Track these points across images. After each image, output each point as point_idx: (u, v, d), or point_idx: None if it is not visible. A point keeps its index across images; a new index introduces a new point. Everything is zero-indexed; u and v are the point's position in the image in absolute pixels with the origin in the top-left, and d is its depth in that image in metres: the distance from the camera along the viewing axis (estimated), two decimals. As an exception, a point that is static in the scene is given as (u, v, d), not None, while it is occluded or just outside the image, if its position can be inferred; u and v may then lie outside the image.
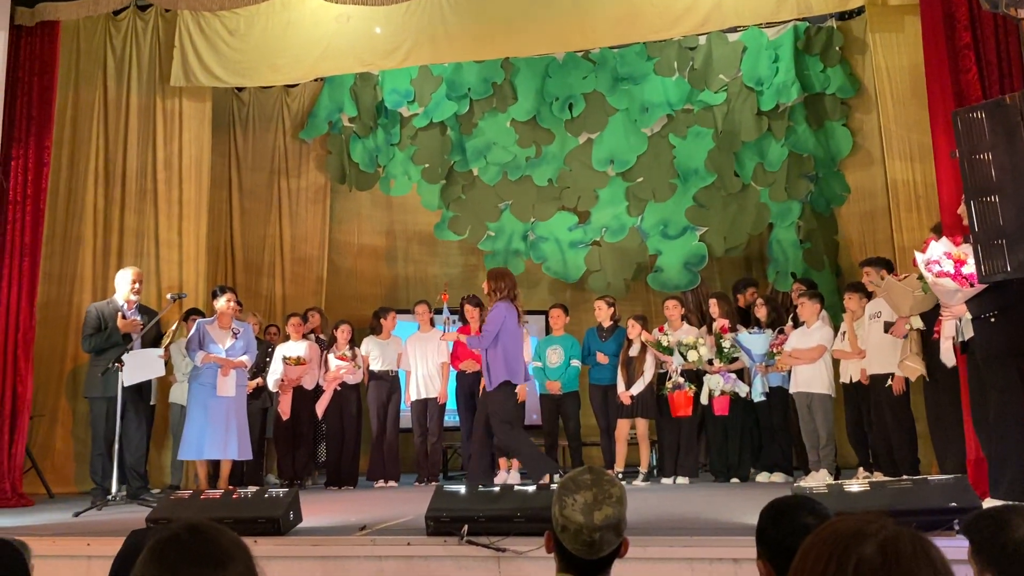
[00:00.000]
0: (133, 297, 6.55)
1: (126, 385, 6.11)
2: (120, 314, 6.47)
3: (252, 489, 4.60)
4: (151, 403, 7.00)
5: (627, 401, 7.09)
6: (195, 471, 6.75)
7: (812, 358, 6.61)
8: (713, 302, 7.46)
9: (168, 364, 7.07)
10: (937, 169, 5.60)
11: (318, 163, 9.76)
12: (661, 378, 7.17)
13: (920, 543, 1.11)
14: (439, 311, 7.11)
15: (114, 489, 5.89)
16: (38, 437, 7.18)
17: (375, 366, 7.66)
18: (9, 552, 2.30)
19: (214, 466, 6.61)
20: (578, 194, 9.49)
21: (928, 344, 5.31)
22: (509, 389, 5.97)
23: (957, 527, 3.48)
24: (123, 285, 6.54)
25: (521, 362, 6.13)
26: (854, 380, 6.47)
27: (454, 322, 7.11)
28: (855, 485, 3.99)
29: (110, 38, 8.04)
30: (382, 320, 7.80)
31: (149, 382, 6.67)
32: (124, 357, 6.02)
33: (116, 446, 6.00)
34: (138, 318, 6.45)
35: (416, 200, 9.95)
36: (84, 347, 6.52)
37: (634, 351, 7.21)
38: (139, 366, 6.20)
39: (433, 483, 6.92)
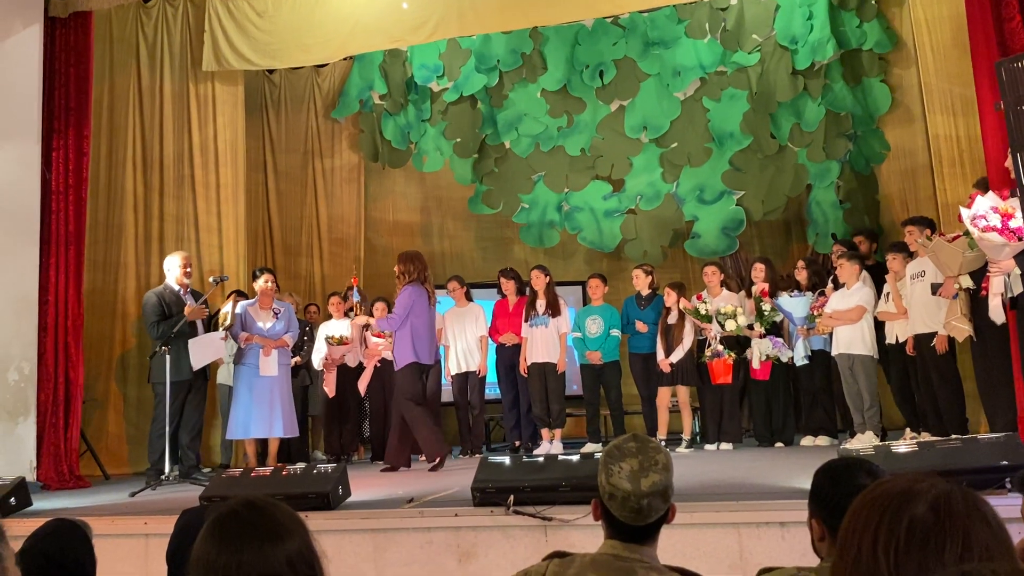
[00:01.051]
0: (186, 280, 6.66)
1: (195, 369, 6.28)
2: (186, 302, 6.58)
3: (301, 466, 4.69)
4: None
5: (667, 369, 7.07)
6: (244, 450, 6.89)
7: (852, 319, 6.51)
8: (757, 266, 7.37)
9: None
10: (981, 122, 5.46)
11: (351, 142, 9.80)
12: (701, 345, 7.13)
13: (972, 499, 1.10)
14: (350, 291, 7.11)
15: (167, 469, 6.04)
16: (92, 421, 7.37)
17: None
18: (75, 531, 2.38)
19: (262, 444, 6.74)
20: (612, 162, 9.42)
21: (976, 302, 5.21)
22: (416, 369, 6.22)
23: (1008, 485, 3.43)
24: (174, 270, 6.64)
25: (429, 342, 6.38)
26: (900, 340, 6.37)
27: (364, 306, 7.09)
28: (902, 446, 3.95)
29: (141, 26, 8.12)
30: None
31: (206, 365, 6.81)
32: (189, 342, 6.21)
33: (167, 428, 6.15)
34: (192, 302, 6.57)
35: (449, 175, 9.96)
36: (152, 334, 6.47)
37: (672, 319, 7.17)
38: (203, 350, 6.36)
39: (477, 455, 6.98)
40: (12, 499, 4.75)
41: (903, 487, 1.13)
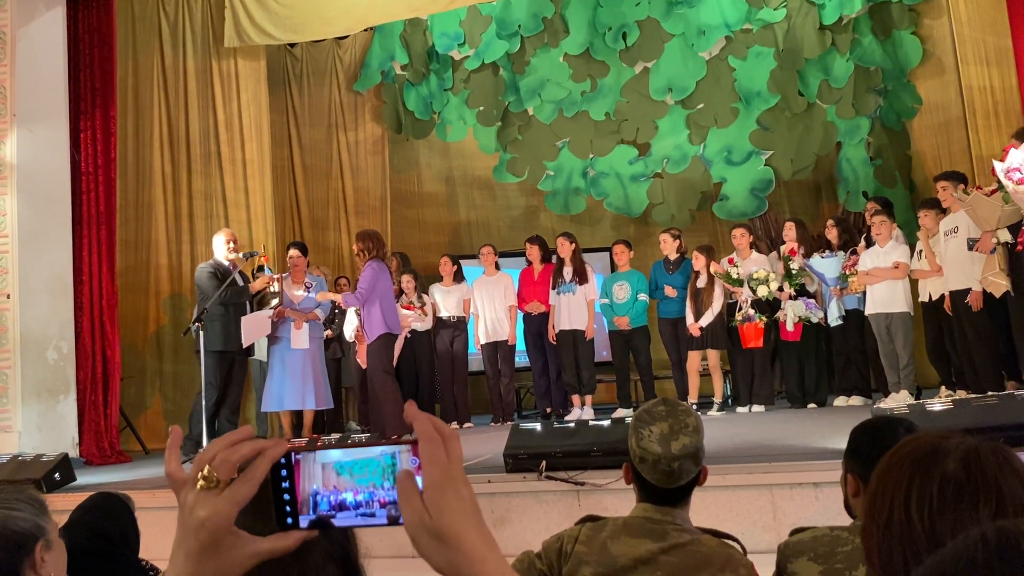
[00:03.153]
0: (232, 255, 6.72)
1: (245, 345, 6.38)
2: (235, 277, 6.65)
3: (335, 436, 4.75)
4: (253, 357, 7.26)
5: (696, 333, 7.04)
6: (279, 422, 7.00)
7: (893, 277, 6.40)
8: (789, 225, 7.28)
9: None
10: (1019, 71, 5.32)
11: (374, 114, 9.78)
12: (731, 308, 7.09)
13: (1003, 453, 1.09)
14: (260, 268, 7.10)
15: (205, 442, 6.15)
16: (129, 397, 7.52)
17: (439, 313, 7.78)
18: (118, 504, 2.45)
19: (297, 416, 6.83)
20: (637, 126, 9.32)
21: (1012, 256, 5.12)
22: (388, 340, 6.30)
23: (1047, 441, 3.39)
24: (220, 247, 6.72)
25: (397, 314, 6.52)
26: (933, 298, 6.28)
27: (278, 279, 7.05)
28: (937, 404, 3.91)
29: (162, 4, 8.13)
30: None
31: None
32: (242, 319, 6.32)
33: (203, 403, 6.25)
34: (239, 279, 6.64)
35: (473, 145, 9.92)
36: (219, 299, 6.33)
37: (701, 282, 7.12)
38: (254, 327, 6.45)
39: (509, 423, 7.03)
40: (56, 475, 4.88)
41: (930, 445, 1.12)
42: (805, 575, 1.84)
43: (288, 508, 0.81)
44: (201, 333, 6.14)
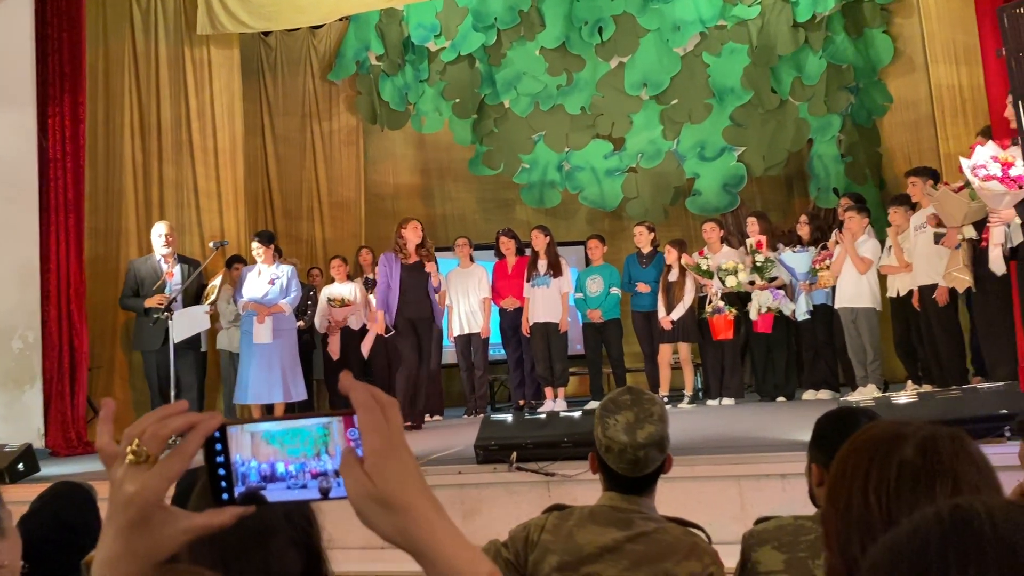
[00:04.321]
0: (165, 250, 6.66)
1: (176, 341, 6.29)
2: (162, 272, 6.58)
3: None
4: (202, 350, 7.18)
5: (668, 326, 7.08)
6: (250, 414, 6.95)
7: (857, 268, 6.48)
8: (751, 220, 7.36)
9: (215, 314, 7.23)
10: (985, 70, 5.39)
11: (348, 104, 9.72)
12: (702, 302, 7.14)
13: (959, 440, 1.11)
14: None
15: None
16: (98, 388, 7.42)
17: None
18: (80, 493, 2.42)
19: (268, 409, 6.79)
20: (612, 120, 9.34)
21: (976, 253, 5.20)
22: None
23: (1008, 434, 3.45)
24: (154, 240, 6.68)
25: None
26: (901, 294, 6.37)
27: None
28: (903, 397, 3.97)
29: (134, -11, 8.02)
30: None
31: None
32: (175, 314, 6.22)
33: (172, 393, 6.19)
34: (176, 272, 6.56)
35: (449, 137, 9.89)
36: (120, 304, 6.71)
37: (673, 276, 7.17)
38: (187, 323, 6.37)
39: (481, 415, 7.04)
40: (20, 465, 4.81)
41: (890, 432, 1.14)
42: (769, 563, 1.86)
43: (224, 483, 0.79)
44: (170, 326, 6.09)
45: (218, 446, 0.79)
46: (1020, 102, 4.01)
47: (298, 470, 0.79)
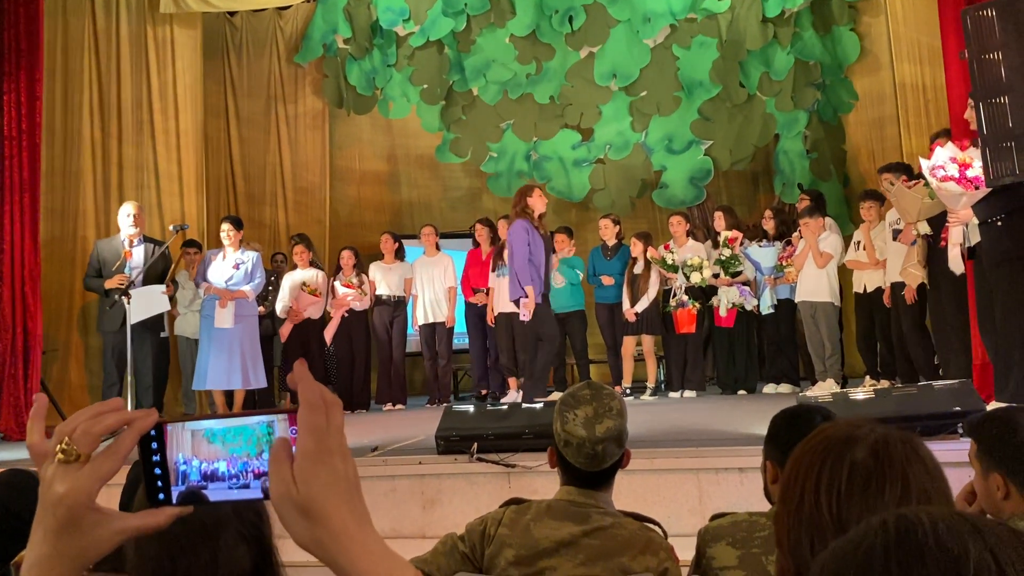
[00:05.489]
0: (132, 230, 6.54)
1: (133, 322, 6.16)
2: (122, 251, 6.46)
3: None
4: (162, 335, 7.06)
5: (632, 318, 7.12)
6: (208, 400, 6.86)
7: (818, 264, 6.54)
8: (718, 215, 7.41)
9: (173, 298, 7.10)
10: (947, 72, 5.46)
11: (315, 87, 9.59)
12: (666, 295, 7.19)
13: (910, 443, 1.12)
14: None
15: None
16: (53, 372, 7.27)
17: (378, 291, 7.70)
18: (28, 481, 2.36)
19: (228, 395, 6.70)
20: (581, 111, 9.33)
21: (935, 251, 5.28)
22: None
23: (960, 431, 3.51)
24: (121, 221, 6.56)
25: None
26: (868, 290, 6.44)
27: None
28: (860, 393, 4.03)
29: (94, -36, 7.83)
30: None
31: (161, 315, 6.73)
32: (132, 292, 6.07)
33: (130, 378, 6.08)
34: (138, 253, 6.43)
35: (416, 123, 9.81)
36: (84, 285, 6.60)
37: (638, 269, 7.20)
38: (144, 303, 6.23)
39: (445, 405, 7.02)
40: (-30, 450, 4.70)
41: (843, 433, 1.14)
42: (723, 559, 1.87)
43: (160, 483, 0.76)
44: (128, 308, 5.98)
45: (154, 445, 0.76)
46: (981, 104, 4.07)
47: (241, 469, 0.76)
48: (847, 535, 0.69)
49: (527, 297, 5.95)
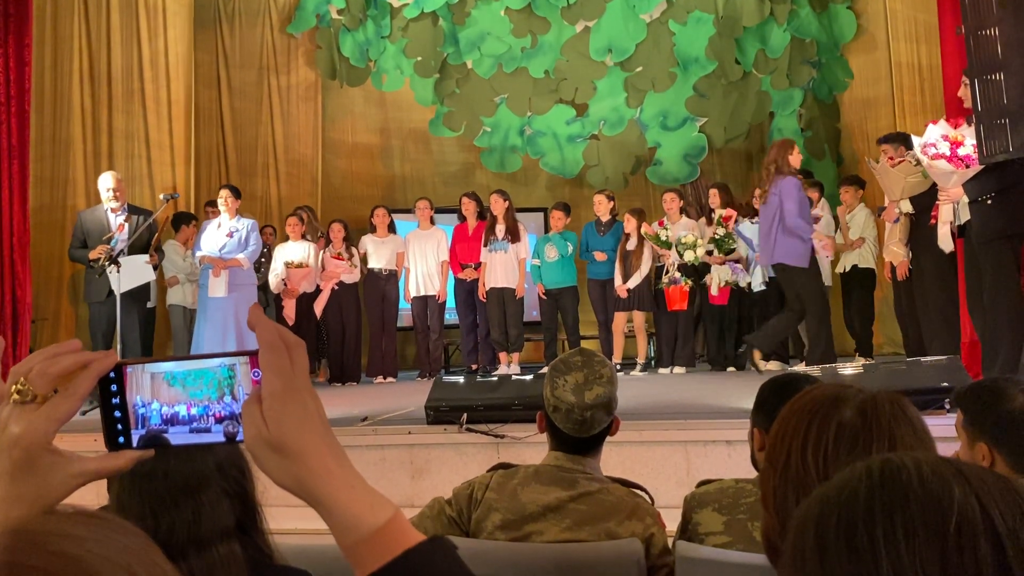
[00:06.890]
0: (114, 204, 6.45)
1: (119, 292, 6.12)
2: (112, 223, 6.39)
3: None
4: (149, 305, 7.02)
5: (624, 294, 7.12)
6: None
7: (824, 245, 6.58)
8: (713, 192, 7.39)
9: (159, 269, 7.05)
10: (943, 49, 5.44)
11: (307, 59, 9.50)
12: (658, 272, 7.19)
13: (897, 402, 1.12)
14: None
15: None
16: (42, 341, 7.24)
17: (370, 264, 7.67)
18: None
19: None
20: (575, 86, 9.27)
21: (924, 229, 5.28)
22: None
23: (947, 406, 3.53)
24: (103, 194, 6.47)
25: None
26: (847, 270, 6.51)
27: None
28: (848, 368, 4.04)
29: (85, -72, 7.72)
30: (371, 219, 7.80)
31: (146, 285, 6.67)
32: (121, 261, 6.02)
33: (119, 346, 6.05)
34: (122, 222, 6.33)
35: (409, 96, 9.74)
36: (69, 256, 6.56)
37: (631, 245, 7.19)
38: (129, 273, 6.18)
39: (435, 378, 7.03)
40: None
41: (830, 393, 1.14)
42: (709, 525, 1.88)
43: (120, 427, 0.75)
44: (115, 279, 5.94)
45: (113, 387, 0.75)
46: (976, 80, 4.06)
47: (201, 413, 0.75)
48: (831, 480, 0.69)
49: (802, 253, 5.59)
